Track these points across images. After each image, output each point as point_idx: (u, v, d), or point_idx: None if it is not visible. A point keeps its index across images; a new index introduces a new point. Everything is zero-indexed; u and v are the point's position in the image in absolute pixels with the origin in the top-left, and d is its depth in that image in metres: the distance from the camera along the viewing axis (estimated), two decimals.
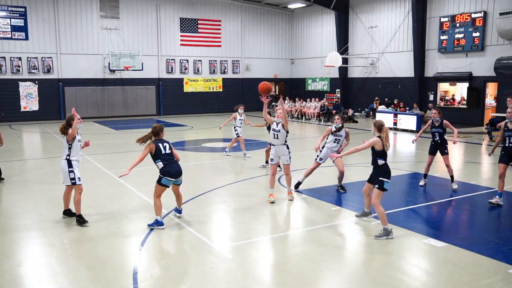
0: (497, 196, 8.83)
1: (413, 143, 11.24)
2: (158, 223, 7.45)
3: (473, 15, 23.26)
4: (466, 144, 17.65)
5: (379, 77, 29.13)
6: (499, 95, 21.79)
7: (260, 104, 15.99)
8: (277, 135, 9.09)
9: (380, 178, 7.13)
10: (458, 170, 13.04)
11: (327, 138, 9.96)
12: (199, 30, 32.49)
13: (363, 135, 20.44)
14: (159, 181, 7.46)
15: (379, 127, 7.28)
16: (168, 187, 7.54)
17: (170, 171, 7.43)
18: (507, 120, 8.94)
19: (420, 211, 8.58)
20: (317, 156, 9.91)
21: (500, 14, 21.22)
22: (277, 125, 9.12)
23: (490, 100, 23.54)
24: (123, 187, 10.44)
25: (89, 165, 12.98)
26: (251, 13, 34.66)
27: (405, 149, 17.49)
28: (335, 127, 9.78)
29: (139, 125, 24.83)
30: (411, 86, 26.81)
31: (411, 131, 21.41)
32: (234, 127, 14.35)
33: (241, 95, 34.36)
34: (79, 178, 7.70)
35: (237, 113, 14.32)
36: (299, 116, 28.74)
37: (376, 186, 7.13)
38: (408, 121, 21.87)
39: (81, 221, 7.65)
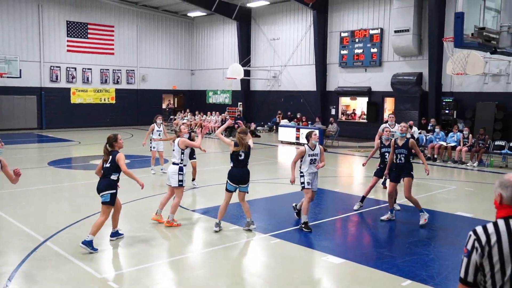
0: (389, 212, 9.40)
1: (363, 166, 11.62)
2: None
3: (371, 32, 24.96)
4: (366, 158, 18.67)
5: (282, 91, 30.06)
6: (396, 110, 23.46)
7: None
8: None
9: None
10: (359, 184, 13.76)
11: (300, 162, 8.66)
12: (89, 36, 31.36)
13: (266, 150, 20.91)
14: None
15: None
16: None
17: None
18: (396, 137, 9.40)
19: (320, 228, 8.87)
20: (302, 183, 8.59)
21: (395, 31, 22.98)
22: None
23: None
24: None
25: None
26: (148, 19, 34.20)
27: None
28: (308, 146, 8.56)
29: (15, 140, 23.18)
30: (313, 100, 27.98)
31: None
32: (151, 140, 14.07)
33: (136, 107, 33.61)
34: None
35: (155, 124, 14.01)
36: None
37: None
38: None
39: None
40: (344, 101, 27.78)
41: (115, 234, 7.95)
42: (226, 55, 33.67)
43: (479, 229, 2.78)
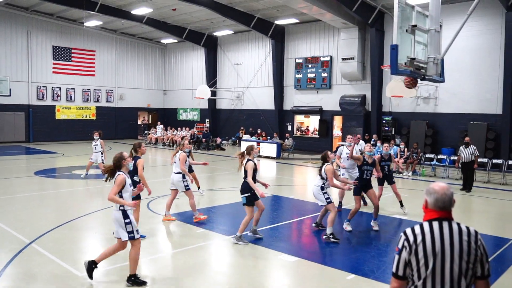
0: (347, 225, 8.97)
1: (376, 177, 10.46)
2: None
3: (322, 59, 25.45)
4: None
5: (244, 109, 30.18)
6: (344, 127, 23.95)
7: (131, 132, 15.54)
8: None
9: None
10: (311, 192, 13.89)
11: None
12: (72, 59, 30.72)
13: (230, 161, 20.90)
14: None
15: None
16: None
17: None
18: (364, 155, 9.12)
19: (277, 230, 8.93)
20: (328, 199, 8.28)
21: (342, 59, 23.52)
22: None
23: (337, 131, 25.73)
24: None
25: None
26: (125, 45, 33.80)
27: (266, 174, 18.21)
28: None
29: (5, 152, 22.39)
30: (272, 118, 28.22)
31: (272, 158, 22.42)
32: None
33: (114, 123, 33.03)
34: (137, 230, 5.97)
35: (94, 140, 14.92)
36: (171, 144, 28.32)
37: None
38: (269, 148, 22.89)
39: (138, 282, 5.89)
40: (298, 118, 28.11)
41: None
42: (195, 77, 33.60)
43: (408, 230, 2.90)
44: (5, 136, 27.85)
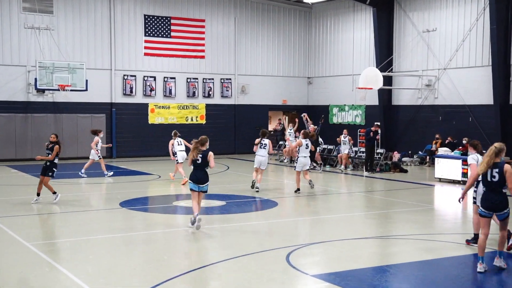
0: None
1: None
2: None
3: None
4: None
5: (439, 105, 29.31)
6: None
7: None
8: None
9: None
10: None
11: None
12: (172, 34, 32.71)
13: (416, 190, 20.27)
14: None
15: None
16: None
17: None
18: None
19: None
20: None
21: None
22: None
23: None
24: (48, 266, 10.20)
25: None
26: (249, 10, 35.09)
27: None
28: None
29: (79, 173, 24.18)
30: (488, 118, 26.93)
31: None
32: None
33: (233, 127, 34.26)
34: None
35: (98, 137, 22.95)
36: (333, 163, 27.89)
37: None
38: None
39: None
40: None
41: None
42: (357, 56, 33.62)
43: None
44: (79, 150, 29.53)
